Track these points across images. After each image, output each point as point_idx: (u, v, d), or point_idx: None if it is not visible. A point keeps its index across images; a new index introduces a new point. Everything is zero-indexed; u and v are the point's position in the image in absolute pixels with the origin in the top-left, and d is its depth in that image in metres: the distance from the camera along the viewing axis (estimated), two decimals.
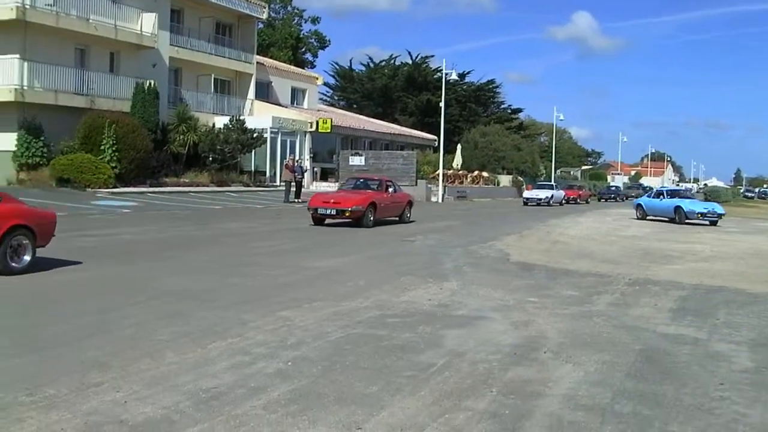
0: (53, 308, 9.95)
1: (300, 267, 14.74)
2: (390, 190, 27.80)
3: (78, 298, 10.67)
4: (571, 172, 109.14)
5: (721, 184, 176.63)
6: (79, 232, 19.76)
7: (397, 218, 27.97)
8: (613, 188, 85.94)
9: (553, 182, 64.98)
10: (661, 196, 39.25)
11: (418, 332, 9.15)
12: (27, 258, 12.61)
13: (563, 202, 58.78)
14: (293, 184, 38.60)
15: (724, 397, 7.00)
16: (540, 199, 54.02)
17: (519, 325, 9.88)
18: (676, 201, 37.29)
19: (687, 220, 35.18)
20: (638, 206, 40.42)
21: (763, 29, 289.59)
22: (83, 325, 8.89)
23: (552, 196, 55.62)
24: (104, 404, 6.07)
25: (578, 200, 65.52)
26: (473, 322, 9.93)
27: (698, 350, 8.88)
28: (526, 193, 56.32)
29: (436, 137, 61.22)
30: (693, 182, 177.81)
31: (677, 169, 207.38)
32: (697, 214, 35.19)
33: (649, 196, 42.11)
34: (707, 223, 35.05)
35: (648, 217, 38.29)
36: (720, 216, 35.42)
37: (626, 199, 78.59)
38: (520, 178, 71.00)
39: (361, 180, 29.22)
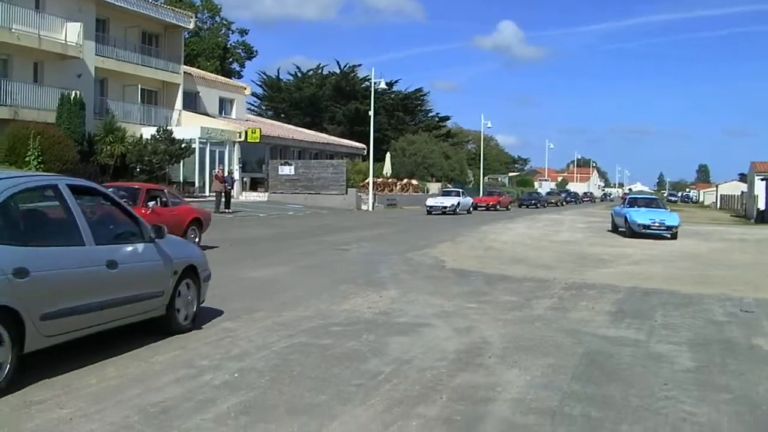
0: None
1: (236, 277, 14.58)
2: (152, 204, 19.06)
3: None
4: (499, 179, 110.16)
5: (645, 188, 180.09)
6: None
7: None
8: (535, 195, 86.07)
9: (459, 189, 59.76)
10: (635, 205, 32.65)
11: (362, 340, 9.10)
12: None
13: (470, 209, 55.37)
14: (223, 194, 38.31)
15: (670, 396, 7.07)
16: (445, 207, 49.90)
17: (461, 331, 9.88)
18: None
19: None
20: (624, 218, 31.16)
21: (682, 37, 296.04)
22: None
23: (458, 203, 51.58)
24: (49, 422, 5.91)
25: (498, 207, 62.71)
26: (416, 329, 9.91)
27: (640, 351, 8.97)
28: (430, 201, 52.30)
29: (365, 146, 61.41)
30: (618, 187, 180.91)
31: (602, 175, 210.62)
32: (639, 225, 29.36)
33: (630, 205, 33.01)
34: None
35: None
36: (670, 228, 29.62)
37: (547, 205, 79.69)
38: (449, 185, 71.44)
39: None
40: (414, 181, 64.90)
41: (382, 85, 58.80)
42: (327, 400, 6.61)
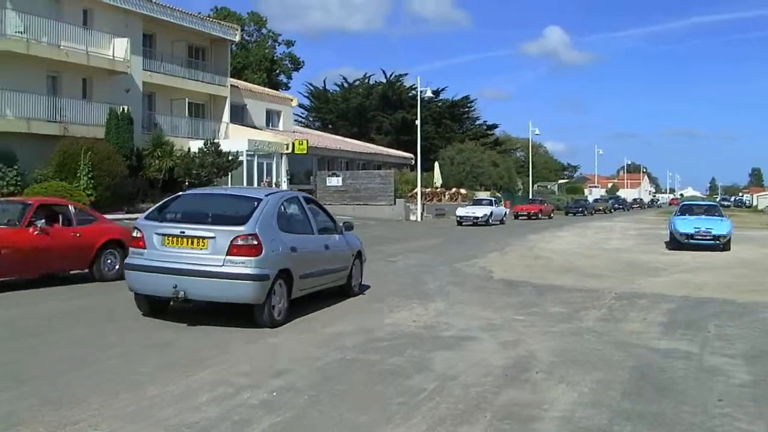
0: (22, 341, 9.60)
1: None
2: (40, 222, 14.76)
3: (51, 330, 10.32)
4: (548, 186, 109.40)
5: (697, 193, 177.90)
6: None
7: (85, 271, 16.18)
8: (582, 202, 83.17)
9: (491, 197, 55.51)
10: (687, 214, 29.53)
11: (406, 356, 8.90)
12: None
13: (504, 219, 50.44)
14: None
15: (724, 413, 6.80)
16: (477, 218, 45.97)
17: (508, 345, 9.65)
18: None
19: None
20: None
21: (729, 38, 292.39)
22: (60, 358, 8.57)
23: (491, 213, 47.55)
24: None
25: (540, 215, 60.08)
26: (461, 344, 9.70)
27: (693, 365, 8.69)
28: (460, 211, 48.09)
29: (412, 155, 61.13)
30: (669, 193, 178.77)
31: (653, 180, 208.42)
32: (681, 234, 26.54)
33: (682, 213, 29.97)
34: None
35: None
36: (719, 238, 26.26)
37: (595, 212, 78.22)
38: (498, 194, 71.01)
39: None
40: (463, 190, 64.51)
41: (428, 94, 58.52)
42: (368, 421, 6.43)
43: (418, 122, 53.66)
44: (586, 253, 25.03)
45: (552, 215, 64.11)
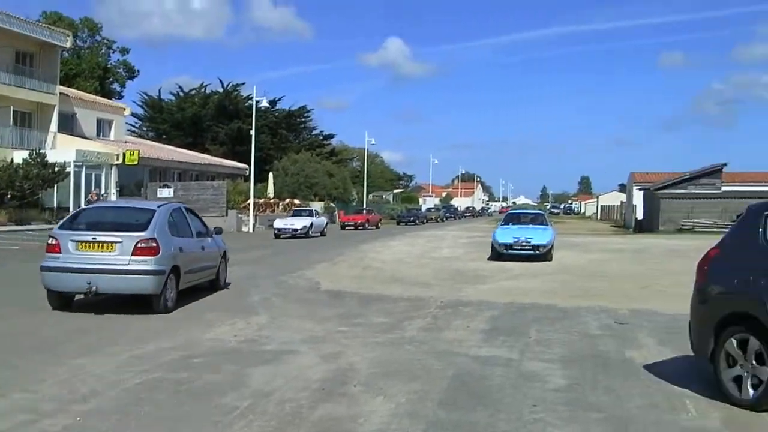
0: None
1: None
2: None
3: None
4: (384, 196, 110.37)
5: (529, 201, 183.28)
6: None
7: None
8: (413, 211, 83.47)
9: (312, 208, 52.95)
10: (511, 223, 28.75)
11: (223, 372, 8.60)
12: None
13: (325, 230, 47.06)
14: None
15: (538, 419, 6.84)
16: (296, 230, 42.91)
17: (329, 357, 9.47)
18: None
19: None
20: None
21: (559, 52, 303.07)
22: None
23: (311, 225, 44.57)
24: None
25: (367, 225, 58.56)
26: (281, 358, 9.46)
27: (511, 371, 8.74)
28: (278, 223, 44.78)
29: (247, 166, 60.41)
30: (502, 201, 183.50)
31: (487, 189, 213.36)
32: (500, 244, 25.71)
33: (506, 222, 29.36)
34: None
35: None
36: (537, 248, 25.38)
37: (427, 221, 79.02)
38: (332, 204, 71.10)
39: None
40: (296, 201, 64.19)
41: (264, 103, 57.78)
42: None
43: (252, 132, 53.11)
44: (415, 262, 25.21)
45: (380, 225, 63.15)
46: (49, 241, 13.44)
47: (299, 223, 44.05)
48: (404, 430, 6.45)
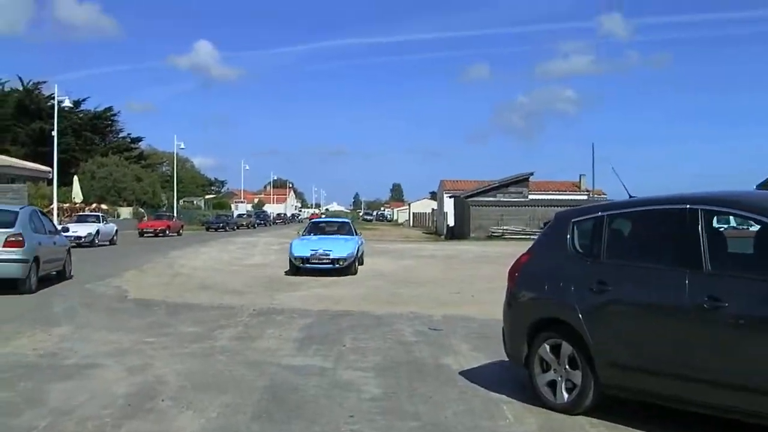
0: None
1: None
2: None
3: None
4: (195, 202, 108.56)
5: (342, 208, 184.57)
6: None
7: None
8: (223, 217, 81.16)
9: (100, 214, 47.27)
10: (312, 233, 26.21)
11: (18, 390, 7.97)
12: None
13: (114, 238, 41.91)
14: None
15: (355, 430, 6.65)
16: (80, 238, 36.20)
17: (135, 370, 8.97)
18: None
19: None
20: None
21: (380, 60, 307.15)
22: None
23: (97, 231, 39.41)
24: None
25: (168, 232, 54.89)
26: (84, 372, 8.88)
27: (326, 381, 8.52)
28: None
29: (50, 169, 57.96)
30: (315, 207, 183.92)
31: (299, 195, 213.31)
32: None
33: (310, 232, 26.78)
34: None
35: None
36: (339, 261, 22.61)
37: (237, 228, 77.50)
38: (141, 209, 69.24)
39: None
40: (104, 206, 62.16)
41: (67, 103, 55.43)
42: None
43: (55, 133, 50.87)
44: (227, 269, 24.73)
45: (181, 231, 59.69)
46: None
47: (84, 229, 37.92)
48: None
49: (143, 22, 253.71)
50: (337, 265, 22.42)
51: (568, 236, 7.76)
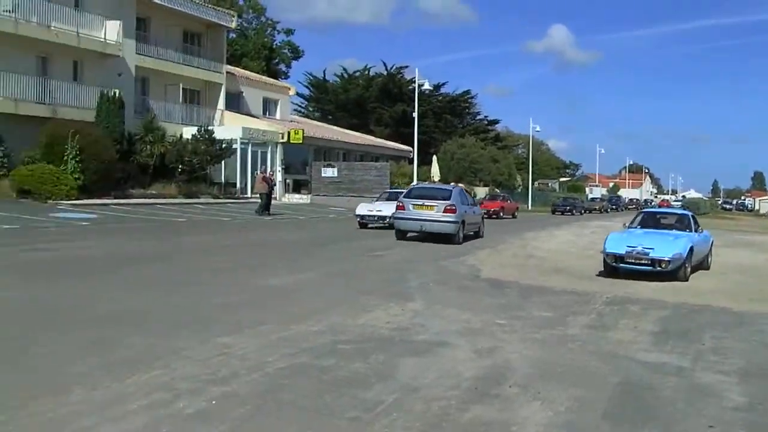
0: None
1: (252, 285, 13.66)
2: None
3: None
4: (549, 184, 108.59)
5: (700, 195, 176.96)
6: (26, 245, 18.67)
7: None
8: (570, 200, 76.11)
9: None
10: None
11: (370, 362, 8.10)
12: None
13: None
14: (266, 196, 37.06)
15: None
16: (384, 218, 30.66)
17: (484, 352, 8.83)
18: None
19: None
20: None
21: (740, 42, 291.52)
22: None
23: None
24: None
25: (501, 214, 51.42)
26: (433, 349, 8.88)
27: (683, 383, 7.89)
28: (361, 209, 32.67)
29: (411, 148, 60.18)
30: (671, 194, 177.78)
31: (655, 181, 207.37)
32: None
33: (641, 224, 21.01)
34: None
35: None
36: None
37: (585, 212, 74.85)
38: (497, 190, 70.10)
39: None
40: (461, 185, 63.47)
41: (427, 86, 57.29)
42: None
43: (415, 115, 52.74)
44: (581, 253, 24.14)
45: (515, 214, 55.36)
46: (398, 204, 26.06)
47: (389, 209, 30.36)
48: None
49: (499, 9, 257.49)
50: (659, 268, 17.54)
51: None
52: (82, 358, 7.72)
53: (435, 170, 60.89)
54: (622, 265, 17.86)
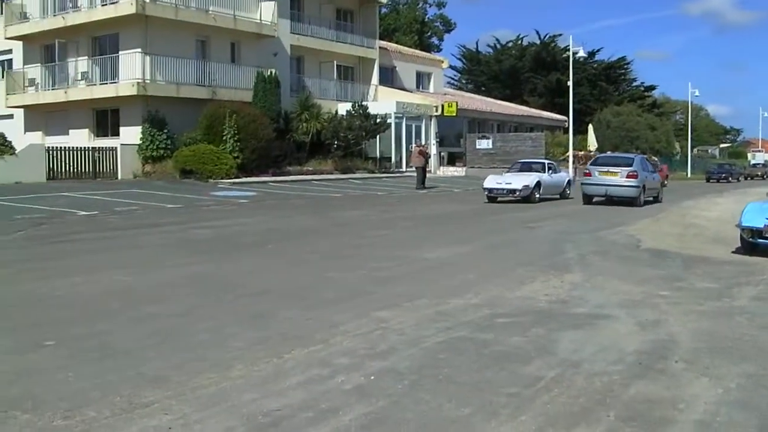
0: (122, 312, 9.10)
1: (409, 258, 13.70)
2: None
3: (157, 299, 9.83)
4: (709, 151, 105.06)
5: None
6: (189, 224, 19.31)
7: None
8: (726, 167, 71.93)
9: (545, 161, 35.08)
10: None
11: (530, 336, 7.97)
12: None
13: (567, 190, 33.16)
14: (422, 170, 37.08)
15: None
16: (515, 191, 28.81)
17: (647, 325, 8.56)
18: None
19: None
20: None
21: None
22: (153, 331, 8.07)
23: (537, 184, 29.79)
24: (146, 431, 5.17)
25: None
26: (594, 322, 8.67)
27: None
28: (489, 181, 30.08)
29: (566, 118, 59.15)
30: None
31: None
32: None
33: None
34: None
35: None
36: None
37: (743, 179, 71.47)
38: (654, 158, 68.26)
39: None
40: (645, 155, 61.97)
41: (581, 54, 55.90)
42: (468, 415, 5.57)
43: (570, 84, 51.69)
44: None
45: (665, 182, 45.28)
46: (585, 171, 29.69)
47: (519, 182, 29.27)
48: (734, 425, 5.48)
49: None
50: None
51: None
52: (241, 333, 7.90)
53: (591, 139, 59.68)
54: (760, 240, 14.88)
